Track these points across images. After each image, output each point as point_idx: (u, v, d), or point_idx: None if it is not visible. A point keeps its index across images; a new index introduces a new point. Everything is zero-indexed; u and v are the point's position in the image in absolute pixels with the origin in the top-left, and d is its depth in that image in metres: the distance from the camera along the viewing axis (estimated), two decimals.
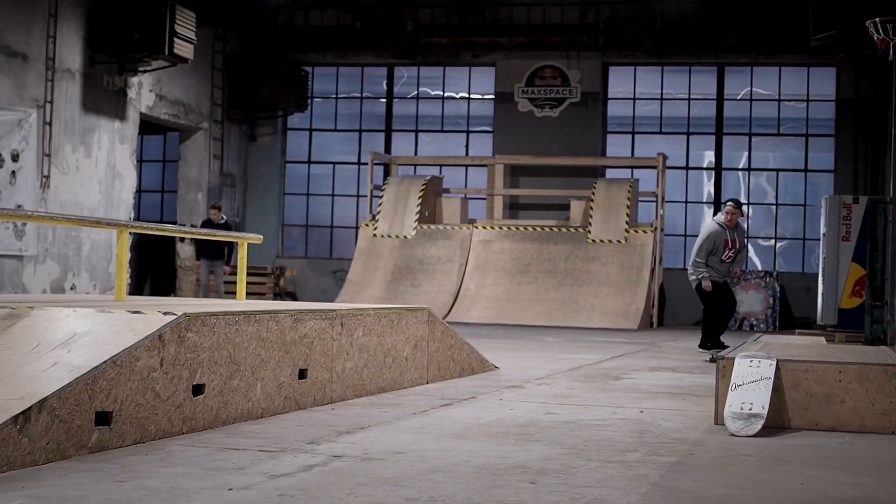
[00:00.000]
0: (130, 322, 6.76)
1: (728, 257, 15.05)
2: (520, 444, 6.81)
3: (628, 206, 24.51)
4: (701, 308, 15.52)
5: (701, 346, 15.42)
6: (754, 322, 24.42)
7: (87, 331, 6.69)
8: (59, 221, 10.86)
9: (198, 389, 6.95)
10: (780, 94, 26.65)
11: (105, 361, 6.15)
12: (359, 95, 28.52)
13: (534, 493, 5.24)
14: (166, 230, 13.10)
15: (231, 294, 24.80)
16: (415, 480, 5.49)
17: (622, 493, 5.33)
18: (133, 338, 6.46)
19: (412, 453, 6.31)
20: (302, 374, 8.20)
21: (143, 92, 23.48)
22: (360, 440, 6.75)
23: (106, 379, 6.11)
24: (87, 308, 7.18)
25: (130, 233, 10.27)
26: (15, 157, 19.61)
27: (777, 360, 7.83)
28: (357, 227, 27.03)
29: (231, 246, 22.89)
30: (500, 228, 25.39)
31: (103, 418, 6.10)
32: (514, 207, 27.42)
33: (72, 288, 21.15)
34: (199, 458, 5.95)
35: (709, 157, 27.20)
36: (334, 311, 8.80)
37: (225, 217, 23.70)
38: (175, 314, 6.82)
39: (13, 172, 19.58)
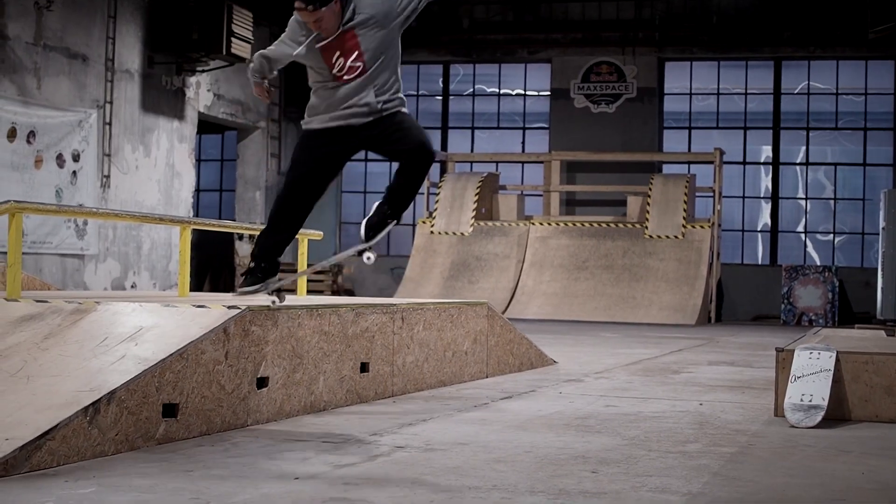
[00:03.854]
0: (195, 316, 6.86)
1: (346, 70, 7.44)
2: (580, 435, 6.85)
3: (685, 202, 24.45)
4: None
5: (252, 271, 7.55)
6: (813, 317, 24.30)
7: (153, 325, 6.79)
8: (124, 218, 11.00)
9: (262, 382, 7.05)
10: (837, 88, 26.49)
11: (171, 354, 6.24)
12: (415, 93, 28.59)
13: (595, 482, 5.29)
14: (228, 226, 13.24)
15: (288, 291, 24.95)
16: (478, 470, 5.54)
17: (683, 481, 5.37)
18: (198, 331, 6.55)
19: (474, 444, 6.37)
20: (363, 367, 8.28)
21: (202, 91, 23.67)
22: (423, 432, 6.82)
23: (173, 371, 6.21)
24: (153, 303, 7.29)
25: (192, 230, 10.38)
26: (76, 158, 19.83)
27: (837, 352, 7.83)
28: (414, 225, 27.09)
29: None
30: (557, 225, 25.40)
31: (170, 410, 6.20)
32: (571, 203, 27.39)
33: (132, 286, 21.37)
34: (264, 449, 6.04)
35: (766, 152, 27.07)
36: (394, 305, 8.88)
37: None
38: (239, 308, 6.91)
39: (74, 172, 19.79)
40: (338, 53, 7.38)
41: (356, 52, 7.33)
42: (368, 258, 7.59)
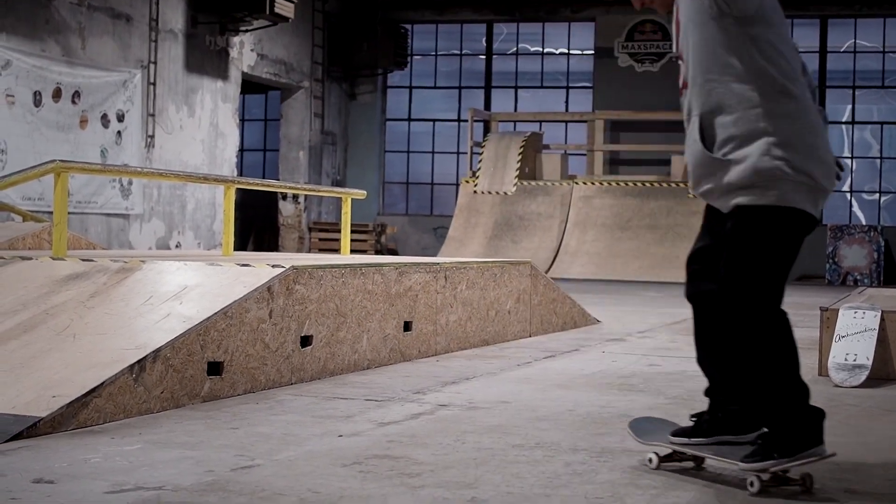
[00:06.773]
0: (240, 275, 6.89)
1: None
2: (623, 393, 6.86)
3: None
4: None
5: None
6: (858, 277, 24.15)
7: (197, 283, 6.83)
8: (169, 178, 11.05)
9: (306, 341, 7.08)
10: (884, 46, 26.23)
11: (216, 313, 6.27)
12: (458, 52, 28.54)
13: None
14: (272, 185, 13.28)
15: (328, 251, 25.03)
16: (520, 428, 5.56)
17: None
18: (243, 290, 6.58)
19: (517, 402, 6.39)
20: (407, 326, 8.30)
21: (245, 51, 23.69)
22: (466, 390, 6.84)
23: (217, 330, 6.24)
24: (197, 262, 7.33)
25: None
26: (120, 118, 19.91)
27: (882, 312, 7.78)
28: (457, 184, 27.08)
29: None
30: (601, 184, 25.31)
31: (215, 368, 6.24)
32: (615, 163, 27.30)
33: (177, 246, 21.48)
34: (308, 407, 6.07)
35: None
36: (438, 264, 8.88)
37: None
38: (283, 267, 6.94)
39: (119, 132, 19.88)
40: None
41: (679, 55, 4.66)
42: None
